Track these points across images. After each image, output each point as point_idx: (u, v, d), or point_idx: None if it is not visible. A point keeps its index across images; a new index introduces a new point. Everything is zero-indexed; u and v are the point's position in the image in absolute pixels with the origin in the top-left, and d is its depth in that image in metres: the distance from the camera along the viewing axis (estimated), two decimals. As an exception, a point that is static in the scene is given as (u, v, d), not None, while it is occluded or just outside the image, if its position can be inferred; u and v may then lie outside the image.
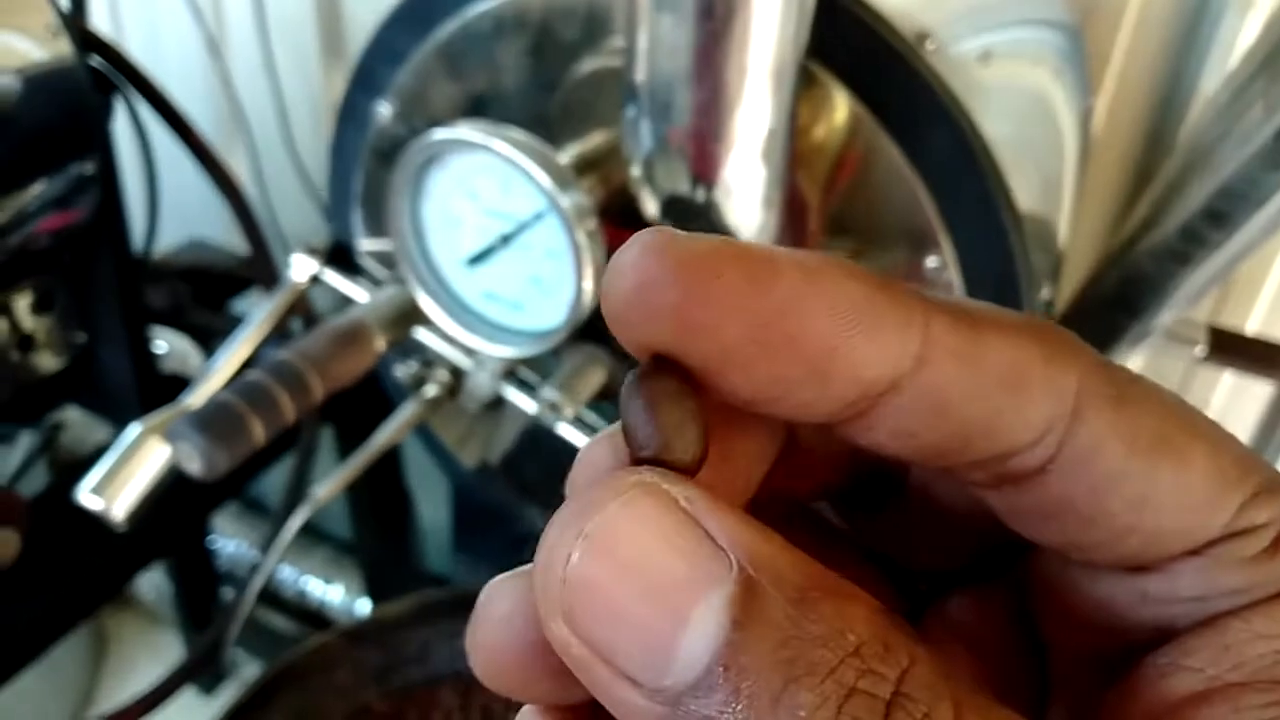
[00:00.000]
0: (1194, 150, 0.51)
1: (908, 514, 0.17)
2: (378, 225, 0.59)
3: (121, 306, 0.78)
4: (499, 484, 0.63)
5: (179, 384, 0.87)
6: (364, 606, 1.16)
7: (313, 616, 1.17)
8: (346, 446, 0.98)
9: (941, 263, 0.47)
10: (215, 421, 0.44)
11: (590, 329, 0.48)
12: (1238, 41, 0.67)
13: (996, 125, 0.47)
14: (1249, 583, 0.13)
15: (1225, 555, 0.13)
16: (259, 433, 0.46)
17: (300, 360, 0.48)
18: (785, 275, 0.12)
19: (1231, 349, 0.59)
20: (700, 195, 0.43)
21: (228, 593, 1.16)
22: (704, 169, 0.43)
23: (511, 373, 0.57)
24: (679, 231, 0.13)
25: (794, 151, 0.43)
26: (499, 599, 0.14)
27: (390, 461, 1.00)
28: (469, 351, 0.57)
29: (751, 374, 0.13)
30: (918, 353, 0.13)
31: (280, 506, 0.93)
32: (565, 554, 0.12)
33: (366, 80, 0.54)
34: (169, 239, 1.01)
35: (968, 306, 0.13)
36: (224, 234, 1.16)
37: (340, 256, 0.60)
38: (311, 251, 0.58)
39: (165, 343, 0.84)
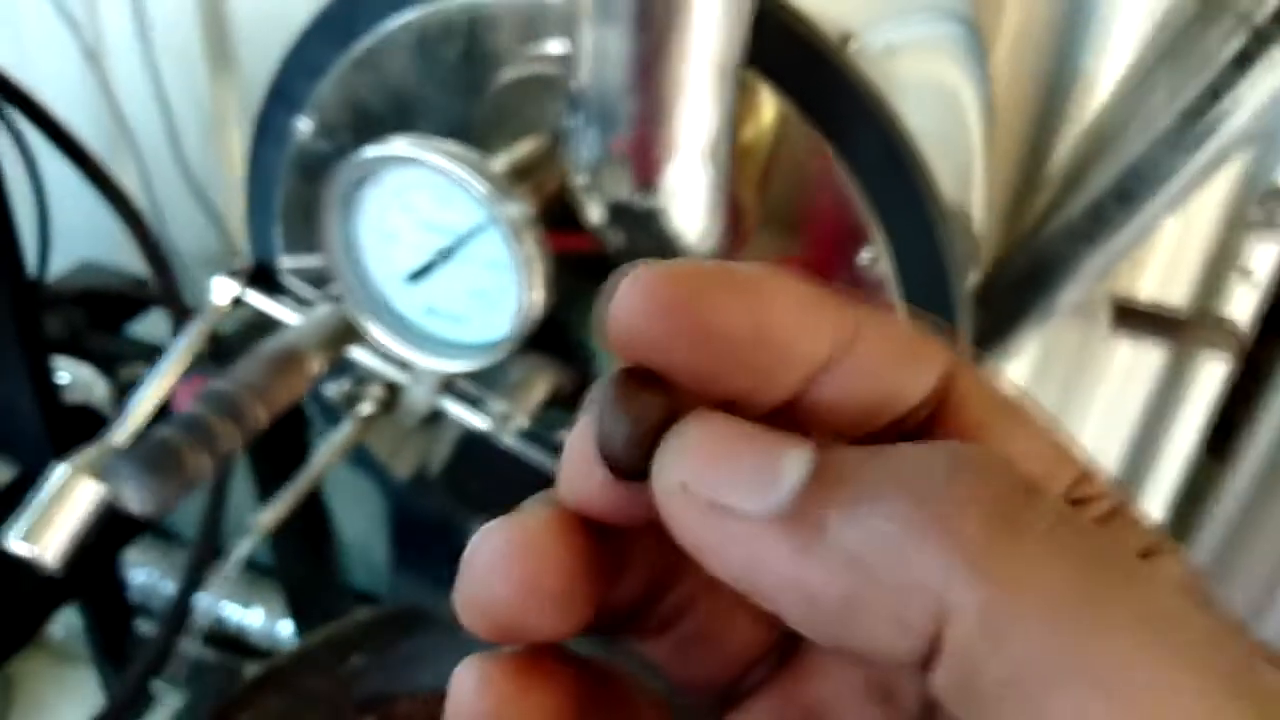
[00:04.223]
0: (1098, 136, 0.53)
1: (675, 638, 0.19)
2: (300, 242, 0.57)
3: (20, 337, 0.75)
4: (438, 496, 0.62)
5: (85, 415, 0.84)
6: (286, 629, 1.13)
7: (232, 642, 1.14)
8: (261, 470, 0.95)
9: (875, 255, 0.49)
10: (155, 459, 0.43)
11: (532, 338, 0.48)
12: (1116, 22, 0.71)
13: (908, 119, 0.48)
14: None
15: None
16: (203, 466, 0.44)
17: (237, 389, 0.47)
18: (761, 287, 0.15)
19: (1135, 319, 0.63)
20: (645, 201, 0.44)
21: (142, 625, 1.12)
22: (648, 175, 0.43)
23: (449, 385, 0.57)
24: (664, 262, 0.15)
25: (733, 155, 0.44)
26: (495, 535, 0.16)
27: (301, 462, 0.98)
28: (404, 367, 0.57)
29: (744, 362, 0.15)
30: (842, 331, 0.15)
31: (199, 535, 0.90)
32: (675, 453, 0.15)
33: (284, 95, 0.53)
34: (55, 263, 0.97)
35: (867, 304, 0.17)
36: (112, 254, 1.11)
37: (262, 276, 0.58)
38: (233, 273, 0.57)
39: (67, 373, 0.80)
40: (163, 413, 0.86)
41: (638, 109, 0.41)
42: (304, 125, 0.53)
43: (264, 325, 0.59)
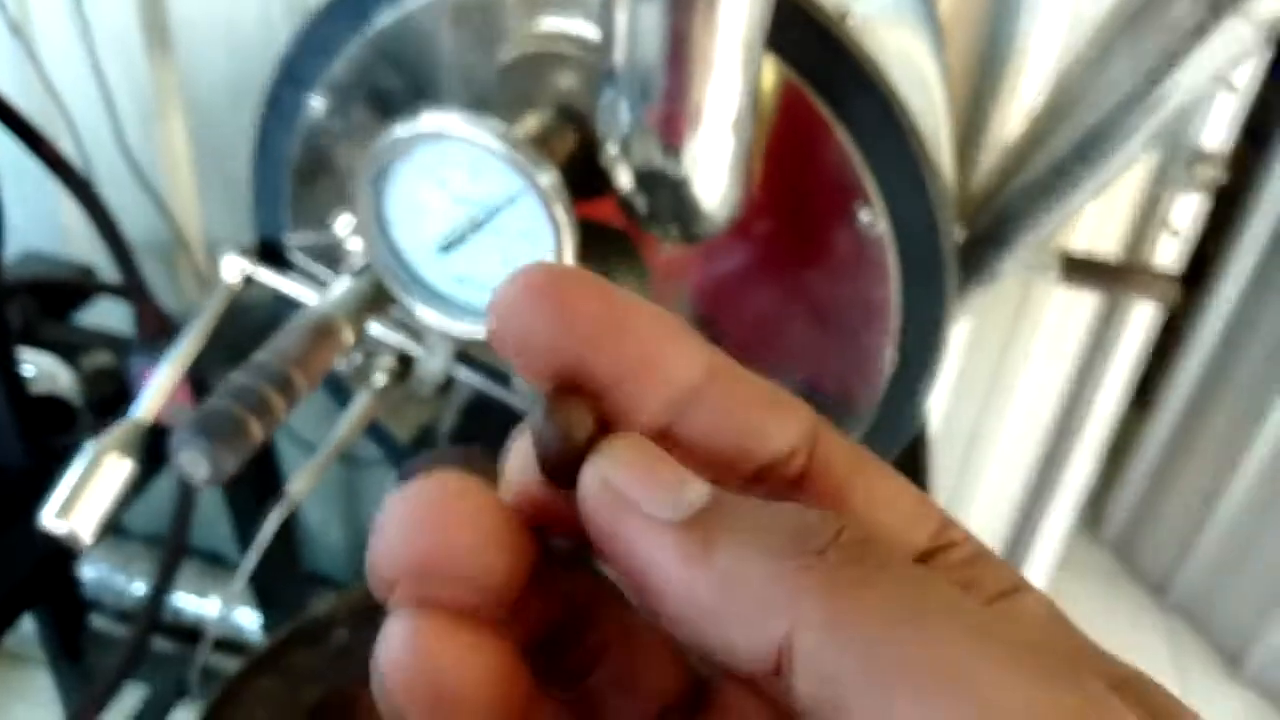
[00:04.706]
0: (1060, 103, 0.59)
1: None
2: (308, 220, 0.58)
3: (-15, 329, 0.73)
4: (444, 461, 0.64)
5: (52, 405, 0.82)
6: (244, 618, 1.13)
7: (189, 633, 1.13)
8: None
9: (872, 215, 0.53)
10: (217, 426, 0.44)
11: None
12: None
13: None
14: (965, 584, 0.17)
15: (940, 562, 0.17)
16: (257, 433, 0.46)
17: (279, 360, 0.48)
18: (625, 296, 0.17)
19: (1083, 271, 0.68)
20: (673, 170, 0.47)
21: (95, 621, 1.10)
22: (676, 144, 0.46)
23: (462, 354, 0.59)
24: (555, 265, 0.17)
25: (754, 123, 0.47)
26: (415, 488, 0.17)
27: (266, 463, 0.98)
28: (418, 338, 0.58)
29: (610, 359, 0.17)
30: (708, 363, 0.18)
31: (171, 530, 0.89)
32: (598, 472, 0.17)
33: (294, 74, 0.54)
34: (-2, 253, 0.94)
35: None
36: (51, 243, 1.08)
37: (268, 254, 0.59)
38: (242, 251, 0.58)
39: (31, 364, 0.79)
40: (123, 398, 0.85)
41: (669, 81, 0.44)
42: (316, 104, 0.54)
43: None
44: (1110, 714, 0.14)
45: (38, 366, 0.80)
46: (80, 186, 0.77)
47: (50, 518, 0.49)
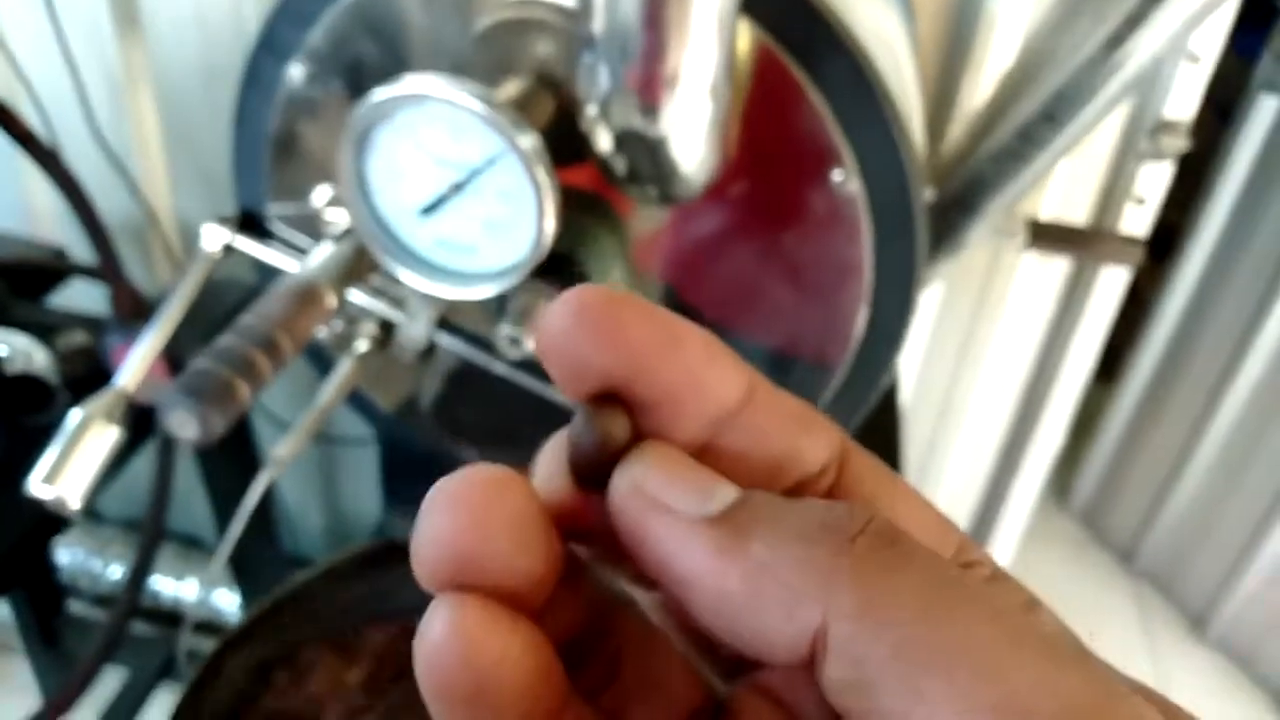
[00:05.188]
0: (1024, 69, 0.60)
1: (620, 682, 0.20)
2: (288, 189, 0.59)
3: (-41, 308, 0.73)
4: (429, 428, 0.65)
5: (28, 384, 0.82)
6: (222, 600, 1.13)
7: (167, 616, 1.13)
8: (203, 451, 0.95)
9: (845, 175, 0.54)
10: (205, 386, 0.45)
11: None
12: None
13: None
14: None
15: None
16: (244, 394, 0.46)
17: (264, 322, 0.49)
18: (673, 319, 0.18)
19: (1049, 237, 0.70)
20: (652, 130, 0.48)
21: (71, 605, 1.09)
22: (654, 104, 0.47)
23: (443, 321, 0.59)
24: (592, 285, 0.18)
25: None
26: (458, 477, 0.17)
27: (244, 442, 0.98)
28: (399, 304, 0.59)
29: (656, 382, 0.18)
30: (747, 384, 0.18)
31: (149, 513, 0.89)
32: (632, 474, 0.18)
33: (273, 44, 0.54)
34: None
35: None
36: (22, 224, 1.08)
37: (249, 224, 0.59)
38: (222, 221, 0.58)
39: (6, 344, 0.79)
40: (100, 377, 0.85)
41: (647, 45, 0.45)
42: (295, 72, 0.55)
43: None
44: (1129, 704, 0.14)
45: (12, 346, 0.79)
46: (50, 160, 0.77)
47: (37, 484, 0.49)
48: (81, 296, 0.98)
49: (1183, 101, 0.79)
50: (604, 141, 0.49)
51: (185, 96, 1.04)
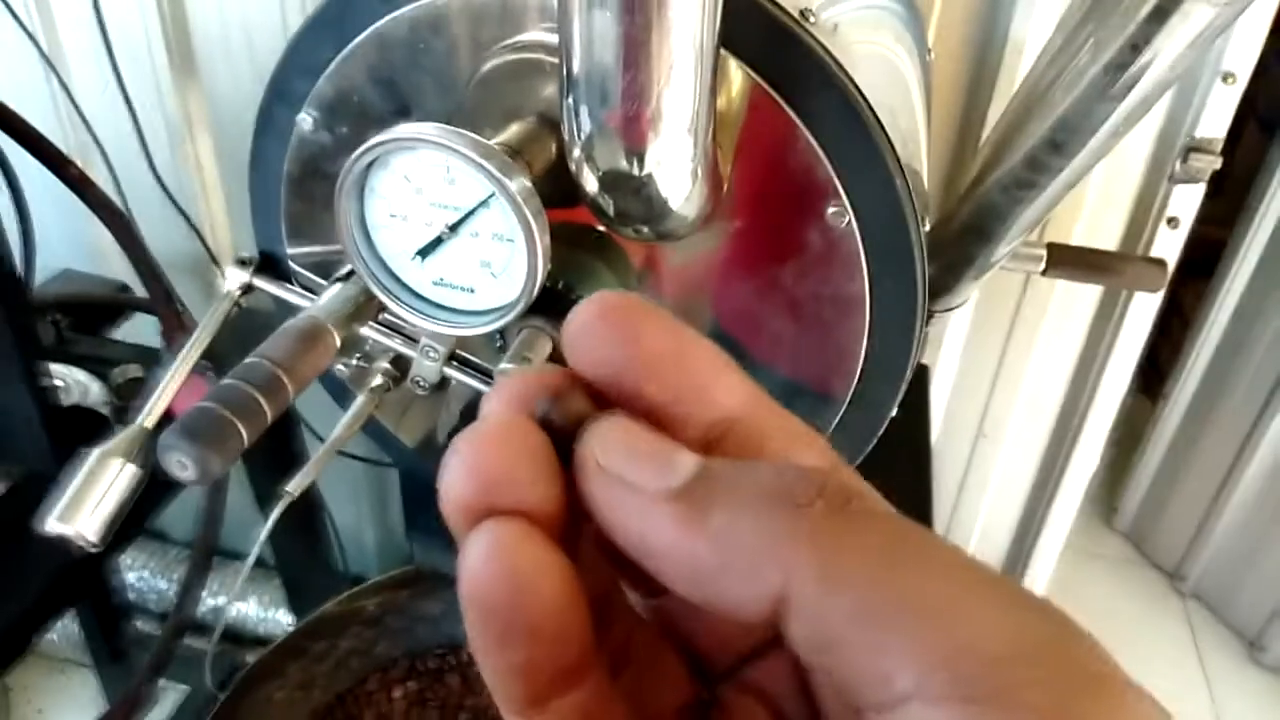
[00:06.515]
0: (1031, 94, 0.59)
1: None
2: (304, 232, 0.61)
3: (17, 344, 0.77)
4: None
5: (83, 415, 0.86)
6: (281, 618, 1.16)
7: (230, 634, 1.17)
8: (255, 472, 0.98)
9: (840, 211, 0.54)
10: (202, 428, 0.47)
11: (532, 306, 0.53)
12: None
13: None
14: None
15: None
16: (244, 436, 0.48)
17: (266, 363, 0.50)
18: (685, 330, 0.20)
19: (1068, 261, 0.69)
20: (636, 170, 0.48)
21: (142, 624, 1.14)
22: (638, 147, 0.48)
23: (453, 356, 0.61)
24: (630, 295, 0.20)
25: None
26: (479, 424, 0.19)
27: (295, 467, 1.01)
28: (412, 341, 0.61)
29: (666, 385, 0.19)
30: (748, 396, 0.19)
31: (199, 534, 0.93)
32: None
33: (284, 93, 0.57)
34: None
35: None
36: (87, 262, 1.13)
37: (268, 265, 0.62)
38: (242, 263, 0.60)
39: (61, 379, 0.83)
40: (167, 418, 0.89)
41: (626, 86, 0.46)
42: (306, 120, 0.57)
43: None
44: (1084, 642, 0.15)
45: (70, 380, 0.84)
46: (103, 204, 0.81)
47: (51, 521, 0.52)
48: (149, 329, 1.03)
49: (1215, 121, 0.77)
50: (590, 183, 0.50)
51: (243, 141, 1.09)
